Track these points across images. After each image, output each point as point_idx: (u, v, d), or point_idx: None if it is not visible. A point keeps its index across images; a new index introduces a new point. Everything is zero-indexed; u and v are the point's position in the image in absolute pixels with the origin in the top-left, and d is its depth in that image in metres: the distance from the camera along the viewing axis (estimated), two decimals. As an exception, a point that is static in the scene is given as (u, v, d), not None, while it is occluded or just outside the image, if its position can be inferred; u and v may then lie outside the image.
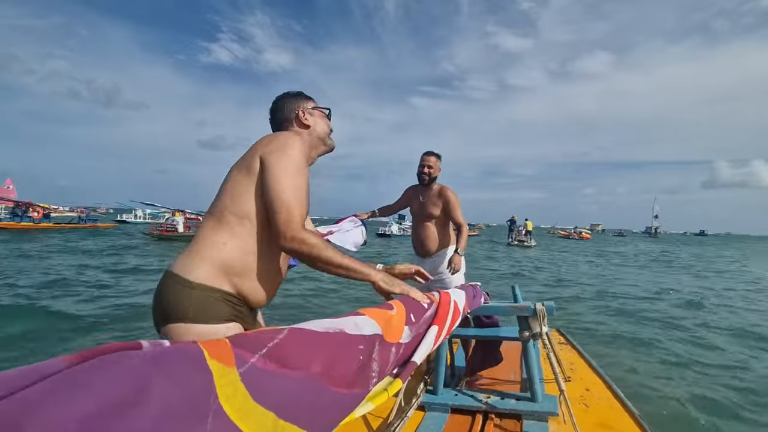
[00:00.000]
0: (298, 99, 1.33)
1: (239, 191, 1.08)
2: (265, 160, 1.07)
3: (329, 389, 0.63)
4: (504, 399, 2.00)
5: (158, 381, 0.37)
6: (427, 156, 2.68)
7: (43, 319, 5.09)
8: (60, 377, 0.33)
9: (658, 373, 3.99)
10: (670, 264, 16.53)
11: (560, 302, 6.88)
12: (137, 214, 38.49)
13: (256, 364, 0.51)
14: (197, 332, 0.99)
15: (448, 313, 1.21)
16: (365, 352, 0.74)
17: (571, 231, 49.83)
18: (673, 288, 9.39)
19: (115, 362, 0.36)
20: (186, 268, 1.02)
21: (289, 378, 0.55)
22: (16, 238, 15.83)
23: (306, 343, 0.62)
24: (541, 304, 1.88)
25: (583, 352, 3.01)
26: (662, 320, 6.02)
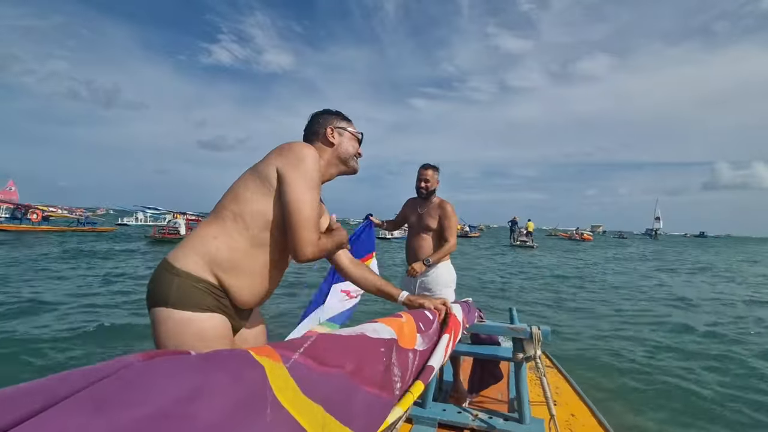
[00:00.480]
0: (331, 117, 1.37)
1: (243, 192, 1.12)
2: (283, 174, 1.11)
3: (363, 388, 0.66)
4: (492, 418, 2.02)
5: (217, 375, 0.39)
6: (424, 170, 2.65)
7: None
8: (141, 368, 0.36)
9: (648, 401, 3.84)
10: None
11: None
12: (138, 217, 38.40)
13: (298, 360, 0.53)
14: (177, 318, 1.03)
15: (459, 322, 1.31)
16: (386, 354, 0.78)
17: (572, 232, 49.78)
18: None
19: (179, 360, 0.39)
20: (176, 256, 1.08)
21: (329, 375, 0.58)
22: (14, 240, 15.72)
23: (336, 345, 0.64)
24: (537, 328, 1.92)
25: (568, 377, 3.04)
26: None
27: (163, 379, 0.36)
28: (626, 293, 9.23)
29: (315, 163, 1.15)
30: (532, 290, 9.24)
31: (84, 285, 7.76)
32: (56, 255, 12.02)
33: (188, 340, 1.03)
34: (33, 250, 12.83)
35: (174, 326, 1.03)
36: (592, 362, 4.40)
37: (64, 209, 31.42)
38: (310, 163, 1.13)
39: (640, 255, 22.67)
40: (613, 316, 6.63)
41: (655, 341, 5.23)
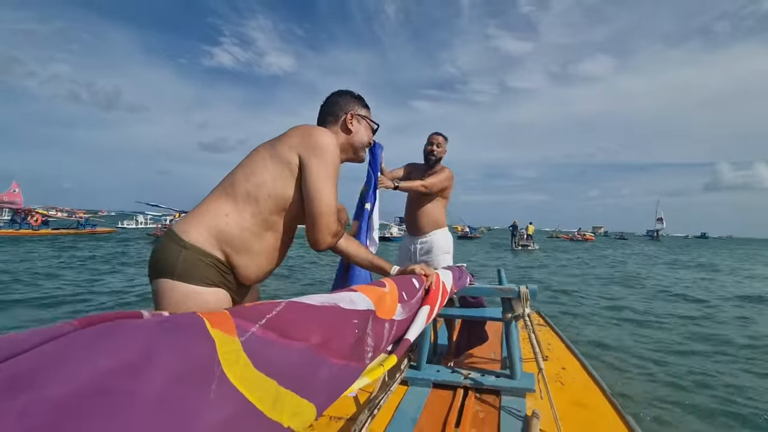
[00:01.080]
0: (353, 101, 1.32)
1: (261, 173, 1.10)
2: (306, 162, 1.09)
3: (328, 360, 0.65)
4: (484, 376, 2.08)
5: (164, 346, 0.37)
6: (436, 135, 2.66)
7: None
8: (72, 337, 0.33)
9: (635, 354, 4.31)
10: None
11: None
12: (138, 219, 38.38)
13: (256, 333, 0.51)
14: (182, 290, 1.02)
15: (438, 293, 1.28)
16: (360, 326, 0.77)
17: (574, 234, 49.65)
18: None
19: (122, 326, 0.37)
20: (183, 228, 1.06)
21: (289, 348, 0.56)
22: (13, 244, 15.70)
23: (304, 315, 0.63)
24: (525, 288, 1.95)
25: (560, 334, 3.12)
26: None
27: (95, 350, 0.32)
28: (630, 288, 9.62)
29: (337, 151, 1.13)
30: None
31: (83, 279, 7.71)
32: (54, 257, 11.97)
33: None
34: (32, 254, 12.78)
35: (178, 298, 1.02)
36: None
37: (64, 212, 31.40)
38: (333, 152, 1.11)
39: (641, 255, 22.55)
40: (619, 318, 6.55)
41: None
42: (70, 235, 21.77)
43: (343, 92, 1.34)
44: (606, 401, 1.98)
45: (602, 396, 2.03)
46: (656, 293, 9.08)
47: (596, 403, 1.96)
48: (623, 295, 8.62)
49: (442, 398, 1.98)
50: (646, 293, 9.08)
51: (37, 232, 20.69)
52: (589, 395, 2.04)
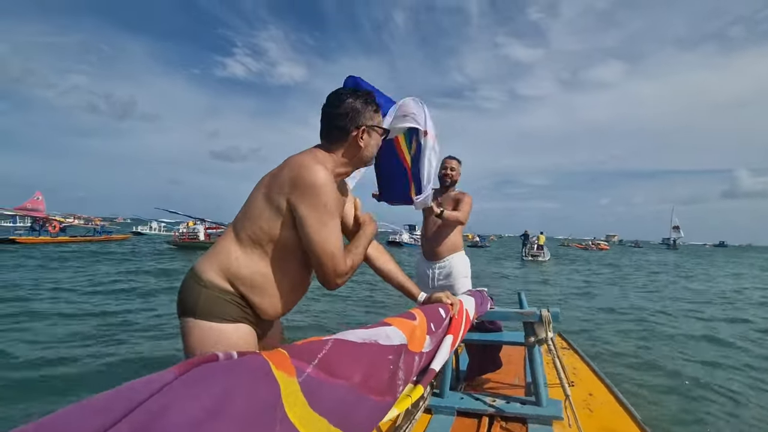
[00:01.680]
0: (365, 110, 1.19)
1: (258, 219, 1.09)
2: (296, 208, 1.06)
3: (367, 397, 0.69)
4: (509, 403, 2.03)
5: (238, 392, 0.43)
6: (449, 159, 2.71)
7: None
8: (173, 387, 0.40)
9: (660, 377, 4.08)
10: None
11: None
12: (152, 225, 39.12)
13: (311, 374, 0.56)
14: (206, 327, 1.05)
15: (461, 322, 1.28)
16: (394, 361, 0.81)
17: (588, 243, 48.70)
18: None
19: (208, 374, 0.43)
20: (202, 267, 1.10)
21: (336, 387, 0.61)
22: (32, 251, 16.09)
23: (348, 354, 0.68)
24: (546, 311, 1.91)
25: (585, 357, 3.03)
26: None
27: (191, 398, 0.39)
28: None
29: (330, 189, 1.06)
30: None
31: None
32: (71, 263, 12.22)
33: (214, 349, 1.04)
34: (51, 262, 13.07)
35: (201, 336, 1.06)
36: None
37: (81, 219, 32.11)
38: (325, 194, 1.05)
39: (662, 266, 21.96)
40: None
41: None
42: (87, 242, 22.25)
43: (349, 96, 1.18)
44: (636, 428, 1.91)
45: (633, 423, 1.96)
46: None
47: (627, 430, 1.91)
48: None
49: (466, 426, 1.93)
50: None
51: (55, 239, 21.21)
52: (620, 422, 1.98)
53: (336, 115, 1.17)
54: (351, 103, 1.17)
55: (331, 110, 1.19)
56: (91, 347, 4.71)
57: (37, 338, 4.98)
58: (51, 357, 4.25)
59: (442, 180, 2.71)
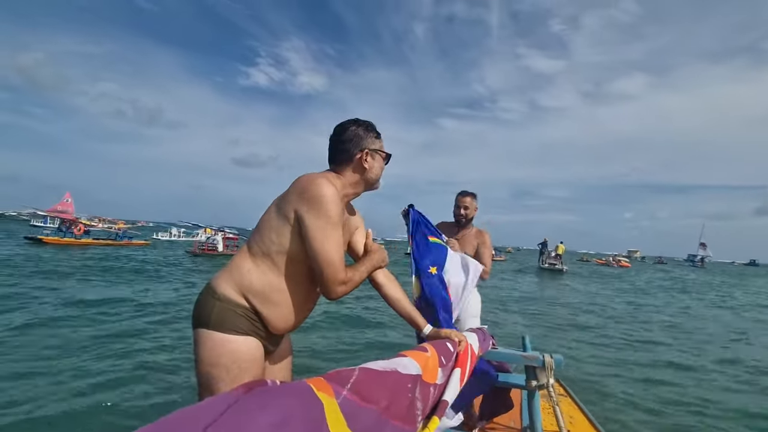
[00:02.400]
0: (367, 136, 1.31)
1: (268, 233, 1.18)
2: (302, 218, 1.13)
3: (393, 424, 0.73)
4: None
5: (294, 407, 0.49)
6: (462, 197, 2.59)
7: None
8: (240, 405, 0.45)
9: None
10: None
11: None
12: (172, 232, 40.02)
13: (347, 397, 0.61)
14: (217, 339, 1.11)
15: (467, 356, 1.33)
16: (412, 390, 0.84)
17: (609, 259, 47.10)
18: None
19: (268, 393, 0.49)
20: (218, 282, 1.17)
21: (369, 410, 0.66)
22: (59, 252, 16.65)
23: (374, 381, 0.72)
24: (549, 356, 1.90)
25: (582, 406, 3.01)
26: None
27: (260, 411, 0.45)
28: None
29: (334, 202, 1.14)
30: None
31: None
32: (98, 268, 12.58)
33: (224, 360, 1.11)
34: (76, 262, 13.50)
35: (212, 346, 1.11)
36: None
37: (105, 222, 33.13)
38: (328, 204, 1.13)
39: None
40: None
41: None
42: (108, 246, 22.91)
43: (352, 125, 1.31)
44: None
45: None
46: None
47: None
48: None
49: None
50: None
51: (79, 242, 21.95)
52: None
53: (341, 141, 1.29)
54: (354, 130, 1.30)
55: (336, 137, 1.31)
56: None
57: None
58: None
59: (457, 219, 2.59)
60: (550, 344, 6.16)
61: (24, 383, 3.65)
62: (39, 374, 3.88)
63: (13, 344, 4.72)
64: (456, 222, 2.61)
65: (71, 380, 3.77)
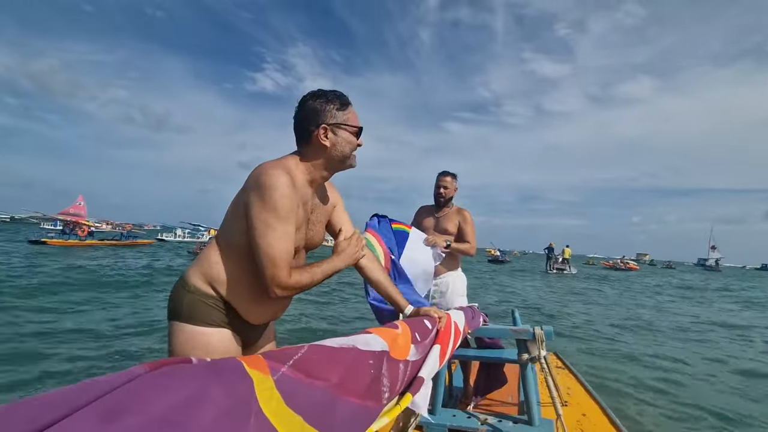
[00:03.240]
0: (325, 109, 1.16)
1: (228, 223, 1.15)
2: (248, 209, 1.06)
3: (346, 399, 0.70)
4: (501, 421, 2.01)
5: (214, 385, 0.45)
6: (443, 176, 2.62)
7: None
8: (146, 378, 0.41)
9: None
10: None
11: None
12: (177, 233, 40.21)
13: (286, 373, 0.58)
14: (188, 330, 1.10)
15: (449, 332, 1.31)
16: (375, 366, 0.82)
17: (616, 261, 46.23)
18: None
19: (183, 369, 0.45)
20: (189, 273, 1.15)
21: (313, 387, 0.62)
22: (65, 253, 16.64)
23: (325, 357, 0.69)
24: (539, 328, 1.89)
25: (580, 377, 3.00)
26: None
27: (164, 387, 0.41)
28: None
29: (284, 195, 1.05)
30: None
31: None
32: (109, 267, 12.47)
33: (196, 352, 1.08)
34: (79, 261, 13.42)
35: (184, 339, 1.10)
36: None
37: (109, 224, 33.25)
38: (275, 197, 1.04)
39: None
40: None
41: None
42: (113, 246, 22.95)
43: (310, 98, 1.17)
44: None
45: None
46: None
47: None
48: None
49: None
50: None
51: (83, 243, 22.01)
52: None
53: (299, 119, 1.18)
54: (311, 104, 1.16)
55: (295, 115, 1.19)
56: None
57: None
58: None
59: (436, 198, 2.62)
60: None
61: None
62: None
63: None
64: (435, 202, 2.63)
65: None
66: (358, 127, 1.21)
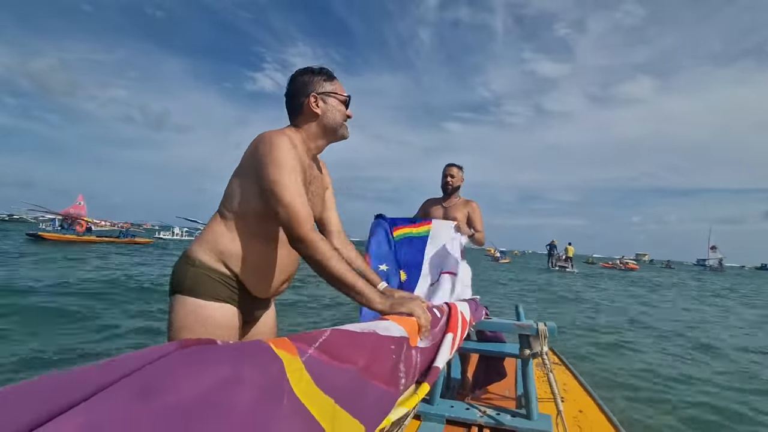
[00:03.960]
0: (313, 80, 1.24)
1: (233, 193, 1.16)
2: (259, 170, 1.09)
3: (372, 383, 0.69)
4: (500, 414, 2.02)
5: (247, 365, 0.44)
6: (450, 167, 2.73)
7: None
8: (178, 356, 0.39)
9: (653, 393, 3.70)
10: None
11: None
12: (174, 231, 39.99)
13: (313, 355, 0.57)
14: (190, 304, 1.10)
15: (458, 322, 1.30)
16: (396, 351, 0.81)
17: (616, 261, 46.02)
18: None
19: (213, 349, 0.43)
20: (193, 248, 1.17)
21: (341, 369, 0.61)
22: (63, 248, 16.44)
23: (349, 341, 0.68)
24: (543, 324, 1.90)
25: (576, 374, 3.05)
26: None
27: (199, 367, 0.39)
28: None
29: (289, 149, 1.11)
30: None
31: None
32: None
33: (197, 326, 1.08)
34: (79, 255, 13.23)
35: (185, 312, 1.09)
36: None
37: (108, 222, 33.01)
38: (281, 152, 1.09)
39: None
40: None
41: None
42: (110, 243, 22.72)
43: (300, 74, 1.25)
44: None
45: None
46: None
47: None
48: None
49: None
50: None
51: (81, 238, 21.79)
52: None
53: (290, 93, 1.25)
54: (300, 78, 1.24)
55: (286, 91, 1.26)
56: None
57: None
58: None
59: (443, 188, 2.73)
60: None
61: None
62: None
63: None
64: (443, 191, 2.74)
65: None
66: (347, 96, 1.28)
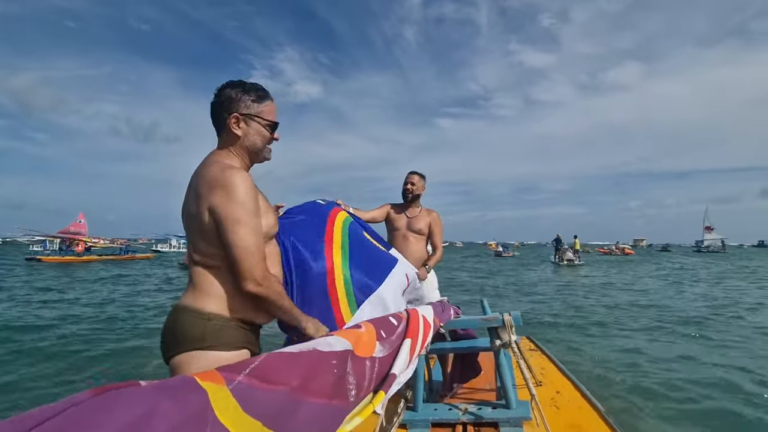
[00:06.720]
0: (239, 99, 1.17)
1: (201, 237, 1.10)
2: (215, 211, 1.06)
3: (309, 401, 0.70)
4: (481, 409, 2.04)
5: (164, 403, 0.45)
6: (411, 174, 2.81)
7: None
8: (89, 404, 0.40)
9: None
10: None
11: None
12: (172, 243, 39.63)
13: (242, 381, 0.58)
14: (212, 357, 1.04)
15: (418, 326, 1.33)
16: (339, 365, 0.82)
17: (612, 247, 46.15)
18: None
19: (128, 392, 0.44)
20: (196, 302, 1.10)
21: (271, 392, 0.62)
22: (65, 269, 16.07)
23: (284, 363, 0.70)
24: (508, 315, 1.95)
25: (552, 357, 3.15)
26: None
27: (108, 411, 0.39)
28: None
29: (249, 189, 1.07)
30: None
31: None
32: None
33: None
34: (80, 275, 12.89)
35: (207, 366, 1.00)
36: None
37: (106, 240, 32.54)
38: (239, 192, 1.05)
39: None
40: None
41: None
42: (110, 260, 22.32)
43: (229, 85, 1.18)
44: (602, 422, 2.00)
45: (598, 417, 2.05)
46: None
47: (592, 425, 1.99)
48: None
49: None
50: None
51: (81, 258, 21.38)
52: (585, 417, 2.08)
53: (214, 109, 1.19)
54: (227, 92, 1.17)
55: (212, 107, 1.19)
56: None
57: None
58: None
59: (404, 195, 2.79)
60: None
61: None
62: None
63: None
64: (403, 197, 2.80)
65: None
66: (274, 122, 1.22)
